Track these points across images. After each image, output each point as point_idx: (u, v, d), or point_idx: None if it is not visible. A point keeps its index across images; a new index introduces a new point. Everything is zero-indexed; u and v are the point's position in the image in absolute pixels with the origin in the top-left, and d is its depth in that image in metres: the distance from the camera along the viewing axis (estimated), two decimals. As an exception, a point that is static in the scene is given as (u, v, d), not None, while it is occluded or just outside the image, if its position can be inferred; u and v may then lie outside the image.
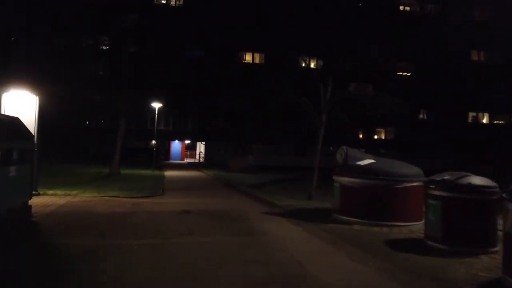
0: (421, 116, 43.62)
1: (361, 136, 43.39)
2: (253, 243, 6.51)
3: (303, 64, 41.34)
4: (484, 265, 5.48)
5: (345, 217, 8.53)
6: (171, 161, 40.84)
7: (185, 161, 42.99)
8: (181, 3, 39.77)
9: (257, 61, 40.61)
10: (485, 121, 45.20)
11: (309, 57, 41.05)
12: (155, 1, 39.27)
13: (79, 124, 30.78)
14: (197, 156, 42.83)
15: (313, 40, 35.08)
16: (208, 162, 37.90)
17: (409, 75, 42.98)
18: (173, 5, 39.81)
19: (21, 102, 10.70)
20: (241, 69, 39.16)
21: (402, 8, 43.37)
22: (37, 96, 11.03)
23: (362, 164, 8.61)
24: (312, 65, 41.49)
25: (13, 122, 7.64)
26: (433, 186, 6.60)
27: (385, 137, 43.53)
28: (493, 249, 6.12)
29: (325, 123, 13.31)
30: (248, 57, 40.55)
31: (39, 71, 16.82)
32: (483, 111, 44.51)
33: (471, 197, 6.21)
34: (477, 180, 6.28)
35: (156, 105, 25.01)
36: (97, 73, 20.96)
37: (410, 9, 43.42)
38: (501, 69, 41.09)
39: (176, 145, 43.65)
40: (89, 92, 19.94)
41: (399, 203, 8.26)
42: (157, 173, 23.09)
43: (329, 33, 27.74)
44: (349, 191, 8.60)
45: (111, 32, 26.39)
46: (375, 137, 43.63)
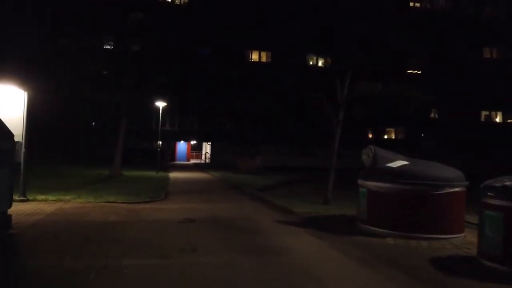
0: (432, 115, 42.08)
1: (370, 136, 41.93)
2: (273, 266, 5.22)
3: (310, 62, 40.11)
4: None
5: (374, 228, 7.25)
6: (177, 162, 39.69)
7: (191, 162, 41.81)
8: (186, 1, 38.60)
9: (264, 59, 39.34)
10: (498, 120, 43.55)
11: (317, 55, 39.79)
12: (160, -1, 38.16)
13: (80, 124, 29.64)
14: (203, 157, 41.65)
15: (322, 36, 33.78)
16: (214, 163, 36.68)
17: (419, 73, 41.47)
18: (178, 3, 38.66)
19: (7, 97, 9.59)
20: (247, 68, 37.93)
21: (412, 4, 41.88)
22: (26, 91, 9.91)
23: (393, 166, 7.32)
24: (320, 63, 40.16)
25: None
26: (491, 193, 5.30)
27: (395, 137, 42.04)
28: None
29: (342, 121, 11.97)
30: (254, 56, 39.30)
31: (31, 67, 15.72)
32: (496, 110, 42.87)
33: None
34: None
35: (160, 104, 23.83)
36: (97, 71, 19.81)
37: (420, 5, 41.91)
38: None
39: (181, 146, 42.49)
40: (89, 90, 18.76)
41: (438, 212, 6.95)
42: (161, 174, 21.91)
43: (339, 28, 26.25)
44: (378, 197, 7.30)
45: (114, 30, 25.36)
46: (385, 137, 42.13)
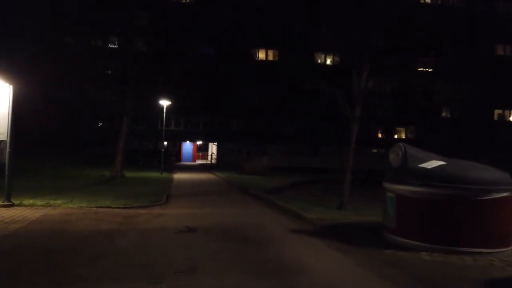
0: (444, 114, 40.68)
1: (380, 135, 40.64)
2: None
3: (319, 60, 38.93)
4: None
5: (405, 240, 6.12)
6: (183, 163, 38.73)
7: (197, 162, 40.82)
8: (192, -1, 37.64)
9: (270, 58, 38.22)
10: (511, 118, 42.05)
11: (325, 53, 38.59)
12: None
13: (84, 124, 28.87)
14: (209, 157, 40.63)
15: (336, 25, 32.53)
16: (220, 163, 35.64)
17: (431, 70, 40.07)
18: (184, 2, 37.69)
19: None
20: (254, 66, 36.85)
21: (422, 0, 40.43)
22: (11, 85, 8.94)
23: (428, 167, 6.18)
24: (328, 61, 38.96)
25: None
26: None
27: (406, 136, 40.67)
28: None
29: (359, 117, 10.85)
30: (261, 54, 38.20)
31: (30, 64, 14.83)
32: (509, 109, 41.35)
33: None
34: None
35: (164, 103, 22.83)
36: (99, 70, 18.94)
37: (431, 1, 40.47)
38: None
39: (187, 146, 41.52)
40: (91, 90, 17.84)
41: (483, 221, 5.81)
42: (165, 175, 20.91)
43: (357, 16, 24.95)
44: (410, 204, 6.17)
45: (119, 29, 24.48)
46: (395, 136, 40.79)
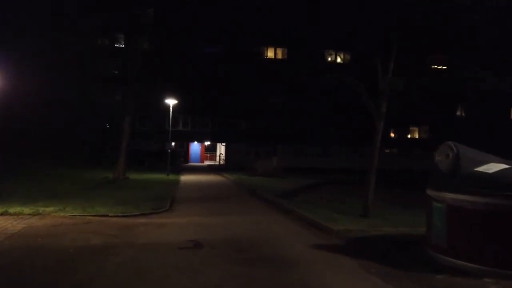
0: (458, 113, 39.11)
1: (392, 135, 39.17)
2: None
3: (329, 58, 37.63)
4: None
5: (460, 261, 4.89)
6: (190, 164, 37.68)
7: (205, 163, 39.72)
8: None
9: (279, 56, 37.01)
10: (528, 117, 40.31)
11: (335, 51, 37.28)
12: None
13: (90, 124, 27.88)
14: (218, 158, 39.51)
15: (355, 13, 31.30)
16: (229, 164, 34.51)
17: (444, 68, 38.49)
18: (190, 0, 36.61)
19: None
20: (263, 65, 35.67)
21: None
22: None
23: (488, 171, 4.94)
24: (338, 59, 37.63)
25: None
26: None
27: (419, 136, 39.20)
28: None
29: (385, 114, 9.62)
30: (270, 53, 37.00)
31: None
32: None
33: None
34: None
35: (170, 102, 21.75)
36: (103, 69, 18.01)
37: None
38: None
39: (195, 147, 40.45)
40: (96, 90, 16.88)
41: None
42: (172, 177, 19.81)
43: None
44: (466, 217, 4.93)
45: (121, 28, 23.62)
46: (408, 136, 39.30)
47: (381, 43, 9.81)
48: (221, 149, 39.39)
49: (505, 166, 5.01)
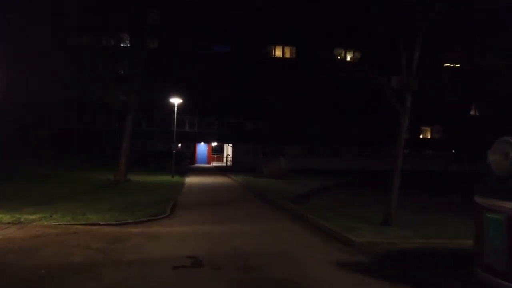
0: (472, 112, 37.67)
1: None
2: None
3: (338, 57, 36.45)
4: None
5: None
6: (197, 165, 36.71)
7: (212, 164, 38.72)
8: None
9: (287, 55, 35.91)
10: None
11: (345, 49, 36.13)
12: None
13: (96, 124, 27.13)
14: (224, 159, 38.53)
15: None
16: (236, 165, 33.48)
17: (458, 66, 37.11)
18: (197, -2, 35.71)
19: None
20: (270, 64, 34.62)
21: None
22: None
23: None
24: (348, 57, 36.45)
25: None
26: None
27: (431, 136, 37.81)
28: None
29: (410, 109, 8.52)
30: (278, 52, 35.91)
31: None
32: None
33: None
34: None
35: (175, 101, 20.80)
36: (106, 68, 17.12)
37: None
38: None
39: (201, 148, 39.49)
40: (98, 89, 15.97)
41: None
42: (176, 179, 18.84)
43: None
44: (536, 233, 3.82)
45: (129, 27, 22.70)
46: (420, 136, 37.92)
47: (405, 35, 8.67)
48: (228, 150, 38.40)
49: None
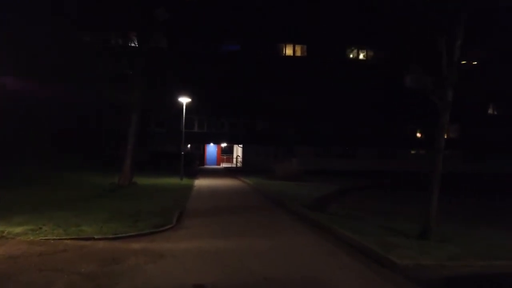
0: (490, 111, 36.07)
1: (418, 135, 36.38)
2: None
3: (351, 55, 35.17)
4: None
5: None
6: (206, 167, 35.72)
7: (222, 166, 37.71)
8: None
9: (298, 54, 34.71)
10: None
11: (358, 47, 34.81)
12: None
13: (104, 125, 26.29)
14: (234, 160, 37.49)
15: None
16: (246, 166, 32.40)
17: (475, 63, 35.54)
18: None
19: None
20: (281, 63, 33.48)
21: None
22: None
23: None
24: (361, 55, 35.13)
25: None
26: None
27: (448, 136, 36.23)
28: None
29: (450, 104, 7.33)
30: (288, 51, 34.72)
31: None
32: None
33: None
34: None
35: (183, 100, 19.78)
36: (113, 67, 16.25)
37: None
38: None
39: (211, 149, 38.51)
40: (104, 88, 15.04)
41: None
42: (185, 182, 17.82)
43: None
44: None
45: (138, 25, 21.82)
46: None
47: (443, 23, 7.47)
48: (238, 151, 37.35)
49: None
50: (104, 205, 9.69)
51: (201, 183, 18.62)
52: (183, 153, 20.08)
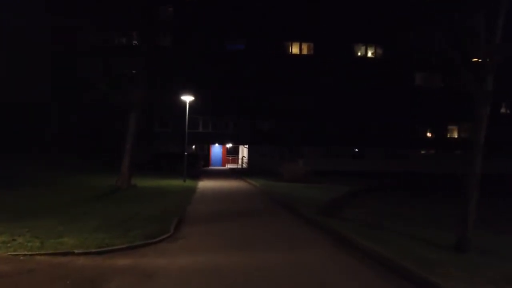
0: (502, 110, 34.72)
1: (429, 135, 35.09)
2: None
3: (359, 53, 34.00)
4: None
5: None
6: (211, 167, 34.73)
7: (227, 167, 36.71)
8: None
9: (305, 52, 33.61)
10: None
11: (366, 45, 33.65)
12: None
13: (109, 125, 25.42)
14: (240, 161, 36.48)
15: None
16: (252, 167, 31.35)
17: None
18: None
19: None
20: (287, 62, 32.42)
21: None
22: None
23: None
24: (369, 53, 33.97)
25: None
26: None
27: (459, 135, 34.95)
28: None
29: (491, 94, 6.27)
30: (295, 49, 33.64)
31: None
32: None
33: None
34: None
35: (187, 99, 18.81)
36: (114, 65, 15.40)
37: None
38: None
39: (216, 150, 37.51)
40: (104, 87, 14.12)
41: None
42: (188, 184, 16.83)
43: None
44: None
45: (138, 25, 21.05)
46: (447, 135, 35.06)
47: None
48: (243, 151, 36.33)
49: None
50: (96, 211, 8.71)
51: (205, 185, 17.62)
52: (186, 153, 19.08)
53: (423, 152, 34.91)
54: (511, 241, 6.74)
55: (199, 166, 29.25)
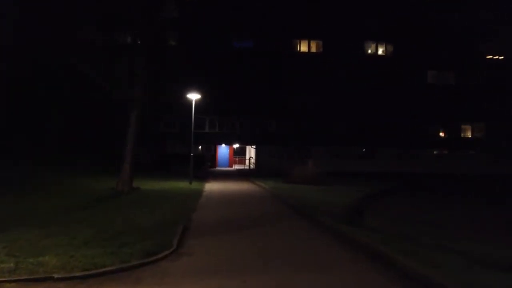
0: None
1: (441, 134, 33.74)
2: None
3: (369, 51, 32.76)
4: None
5: None
6: (218, 168, 33.70)
7: (234, 168, 35.65)
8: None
9: (313, 50, 32.45)
10: None
11: (376, 42, 32.42)
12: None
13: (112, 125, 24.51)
14: (247, 162, 35.40)
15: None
16: (260, 168, 30.26)
17: (502, 58, 32.91)
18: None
19: None
20: (295, 60, 31.30)
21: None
22: None
23: None
24: (380, 51, 32.73)
25: None
26: None
27: (472, 135, 33.55)
28: None
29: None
30: (303, 47, 32.49)
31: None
32: None
33: None
34: None
35: (193, 97, 17.81)
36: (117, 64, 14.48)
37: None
38: None
39: (223, 150, 36.46)
40: (105, 85, 13.15)
41: None
42: (194, 186, 15.81)
43: None
44: None
45: (138, 25, 20.15)
46: (461, 135, 33.66)
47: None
48: (250, 152, 35.25)
49: None
50: (91, 218, 7.68)
51: (212, 187, 16.57)
52: (192, 154, 18.05)
53: (435, 152, 33.58)
54: None
55: (205, 167, 28.25)
